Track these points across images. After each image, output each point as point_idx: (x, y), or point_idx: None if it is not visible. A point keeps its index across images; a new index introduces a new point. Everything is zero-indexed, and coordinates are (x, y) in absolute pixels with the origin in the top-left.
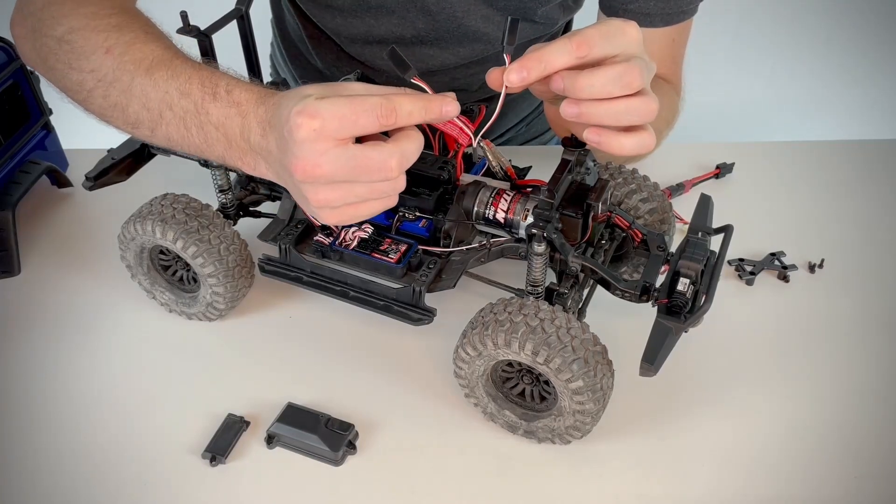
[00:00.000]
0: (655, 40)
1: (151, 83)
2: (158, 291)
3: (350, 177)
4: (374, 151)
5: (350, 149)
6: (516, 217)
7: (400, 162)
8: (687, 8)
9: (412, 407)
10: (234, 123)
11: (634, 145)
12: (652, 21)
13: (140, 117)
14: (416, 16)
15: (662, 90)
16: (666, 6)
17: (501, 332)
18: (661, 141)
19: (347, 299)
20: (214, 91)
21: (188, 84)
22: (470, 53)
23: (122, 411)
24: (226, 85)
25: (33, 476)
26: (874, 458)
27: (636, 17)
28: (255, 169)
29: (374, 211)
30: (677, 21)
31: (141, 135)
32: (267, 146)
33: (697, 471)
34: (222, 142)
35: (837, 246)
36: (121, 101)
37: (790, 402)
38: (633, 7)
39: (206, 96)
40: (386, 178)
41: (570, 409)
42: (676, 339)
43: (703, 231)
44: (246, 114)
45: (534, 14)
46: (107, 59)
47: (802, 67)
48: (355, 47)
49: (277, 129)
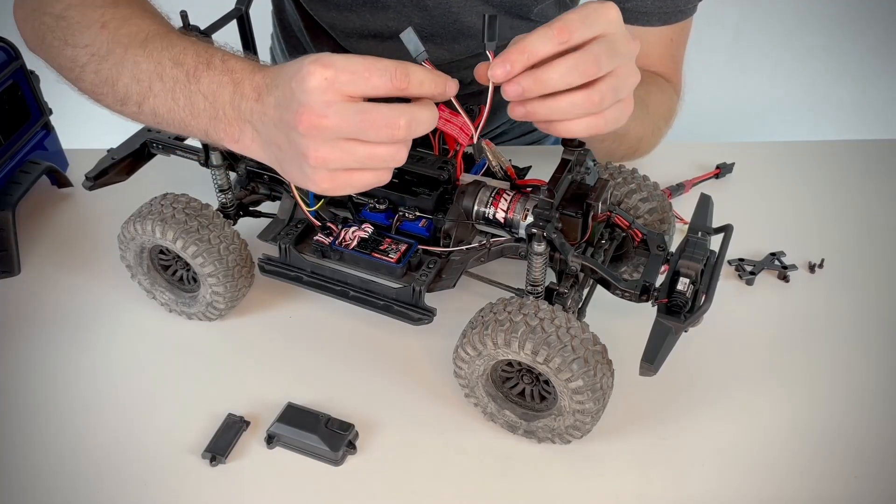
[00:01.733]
0: (653, 40)
1: (145, 54)
2: (158, 291)
3: (355, 132)
4: (385, 107)
5: (359, 104)
6: (516, 217)
7: (409, 123)
8: (685, 7)
9: (412, 407)
10: (226, 91)
11: (582, 128)
12: (649, 20)
13: (129, 91)
14: (411, 11)
15: (660, 88)
16: (663, 5)
17: (501, 331)
18: (659, 139)
19: (347, 299)
20: (209, 60)
21: (183, 54)
22: (465, 50)
23: (122, 411)
24: (222, 55)
25: (33, 476)
26: (874, 458)
27: (633, 16)
28: (238, 140)
29: (367, 183)
30: (675, 20)
31: (128, 112)
32: (262, 108)
33: (697, 471)
34: (209, 112)
35: (837, 246)
36: (111, 75)
37: (790, 401)
38: (630, 5)
39: (200, 65)
40: (392, 137)
41: (570, 408)
42: (676, 339)
43: (703, 231)
44: (240, 81)
45: (529, 12)
46: (101, 34)
47: (802, 67)
48: (351, 41)
49: (282, 87)
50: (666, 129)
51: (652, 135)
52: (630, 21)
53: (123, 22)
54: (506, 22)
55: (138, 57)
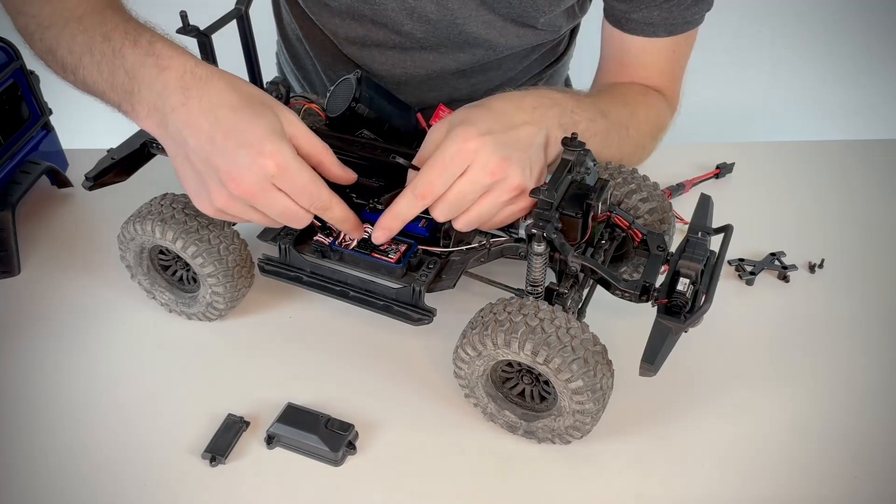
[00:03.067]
0: (656, 51)
1: (81, 29)
2: (158, 291)
3: (260, 209)
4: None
5: (279, 201)
6: None
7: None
8: (691, 19)
9: (412, 407)
10: (148, 72)
11: None
12: (655, 31)
13: (66, 61)
14: (413, 26)
15: (648, 104)
16: (669, 16)
17: (501, 332)
18: (644, 156)
19: (347, 299)
20: (136, 39)
21: (113, 30)
22: (470, 59)
23: (122, 411)
24: (149, 37)
25: (33, 476)
26: (874, 458)
27: (639, 27)
28: (144, 120)
29: (252, 219)
30: (681, 31)
31: (69, 79)
32: (187, 117)
33: (697, 471)
34: (126, 86)
35: (837, 246)
36: (52, 45)
37: (790, 402)
38: (637, 17)
39: (127, 42)
40: (312, 204)
41: (569, 409)
42: (676, 339)
43: (703, 231)
44: (166, 68)
45: (536, 21)
46: (46, 6)
47: (802, 67)
48: (353, 49)
49: (225, 130)
50: (652, 145)
51: (634, 153)
52: (636, 32)
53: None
54: (512, 31)
55: (74, 31)
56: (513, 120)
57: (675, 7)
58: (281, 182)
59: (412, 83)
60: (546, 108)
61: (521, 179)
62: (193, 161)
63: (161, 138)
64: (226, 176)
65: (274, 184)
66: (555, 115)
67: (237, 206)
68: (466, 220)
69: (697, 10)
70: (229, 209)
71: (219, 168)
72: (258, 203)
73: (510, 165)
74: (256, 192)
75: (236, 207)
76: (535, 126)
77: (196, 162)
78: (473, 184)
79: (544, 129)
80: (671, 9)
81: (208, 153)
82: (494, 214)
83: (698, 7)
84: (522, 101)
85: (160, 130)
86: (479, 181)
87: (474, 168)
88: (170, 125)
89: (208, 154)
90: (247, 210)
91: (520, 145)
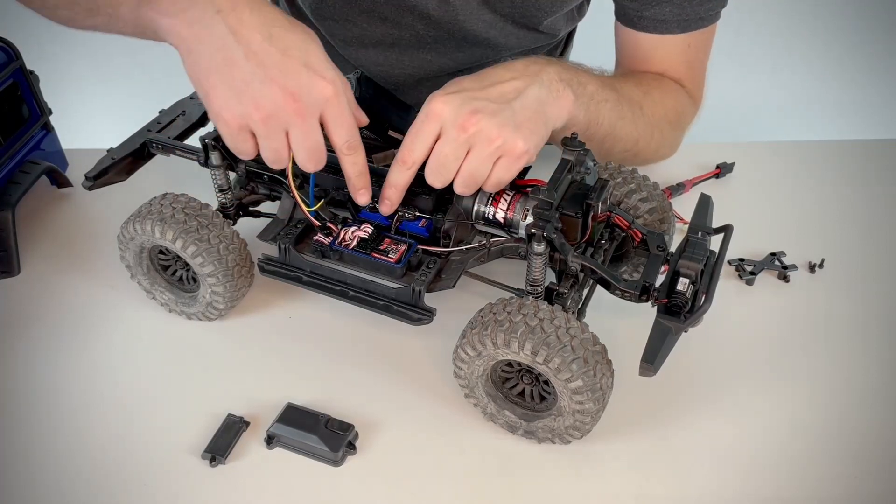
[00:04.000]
0: (670, 46)
1: None
2: (158, 291)
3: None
4: None
5: (316, 132)
6: (516, 217)
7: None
8: (705, 15)
9: (412, 407)
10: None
11: None
12: (668, 27)
13: None
14: (413, 21)
15: (663, 89)
16: (682, 12)
17: (501, 331)
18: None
19: (347, 299)
20: None
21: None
22: (469, 58)
23: (121, 411)
24: None
25: (33, 476)
26: (874, 458)
27: (652, 24)
28: (167, 17)
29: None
30: (695, 28)
31: None
32: (237, 18)
33: (697, 471)
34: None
35: (837, 246)
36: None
37: (790, 402)
38: (649, 14)
39: None
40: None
41: (569, 408)
42: (676, 339)
43: (703, 231)
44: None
45: (538, 23)
46: None
47: (802, 67)
48: (350, 50)
49: (284, 39)
50: (673, 134)
51: (651, 137)
52: (648, 29)
53: None
54: (512, 32)
55: None
56: (494, 78)
57: (687, 2)
58: (330, 109)
59: (409, 84)
60: (541, 65)
61: (499, 130)
62: (241, 67)
63: (189, 39)
64: (282, 91)
65: (322, 111)
66: (553, 71)
67: (273, 125)
68: (461, 181)
69: (711, 5)
70: (267, 125)
71: (275, 81)
72: (299, 127)
73: (482, 117)
74: (307, 114)
75: (272, 125)
76: (522, 80)
77: (244, 69)
78: (450, 142)
79: (537, 84)
80: (683, 4)
81: (267, 65)
82: (487, 172)
83: (711, 3)
84: (515, 63)
85: (192, 29)
86: (454, 138)
87: (446, 126)
88: (215, 26)
89: (266, 67)
90: (276, 134)
91: (498, 98)
